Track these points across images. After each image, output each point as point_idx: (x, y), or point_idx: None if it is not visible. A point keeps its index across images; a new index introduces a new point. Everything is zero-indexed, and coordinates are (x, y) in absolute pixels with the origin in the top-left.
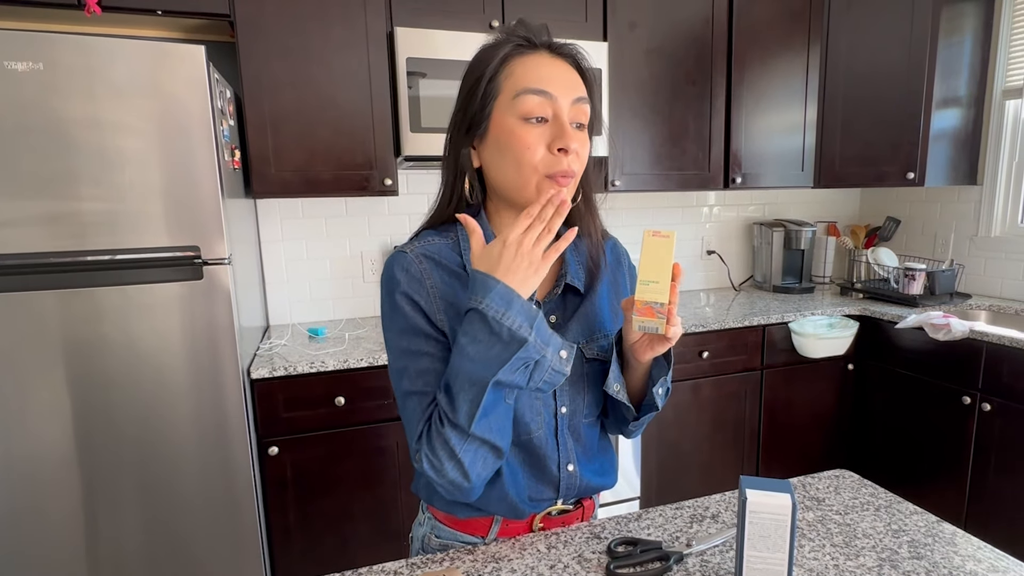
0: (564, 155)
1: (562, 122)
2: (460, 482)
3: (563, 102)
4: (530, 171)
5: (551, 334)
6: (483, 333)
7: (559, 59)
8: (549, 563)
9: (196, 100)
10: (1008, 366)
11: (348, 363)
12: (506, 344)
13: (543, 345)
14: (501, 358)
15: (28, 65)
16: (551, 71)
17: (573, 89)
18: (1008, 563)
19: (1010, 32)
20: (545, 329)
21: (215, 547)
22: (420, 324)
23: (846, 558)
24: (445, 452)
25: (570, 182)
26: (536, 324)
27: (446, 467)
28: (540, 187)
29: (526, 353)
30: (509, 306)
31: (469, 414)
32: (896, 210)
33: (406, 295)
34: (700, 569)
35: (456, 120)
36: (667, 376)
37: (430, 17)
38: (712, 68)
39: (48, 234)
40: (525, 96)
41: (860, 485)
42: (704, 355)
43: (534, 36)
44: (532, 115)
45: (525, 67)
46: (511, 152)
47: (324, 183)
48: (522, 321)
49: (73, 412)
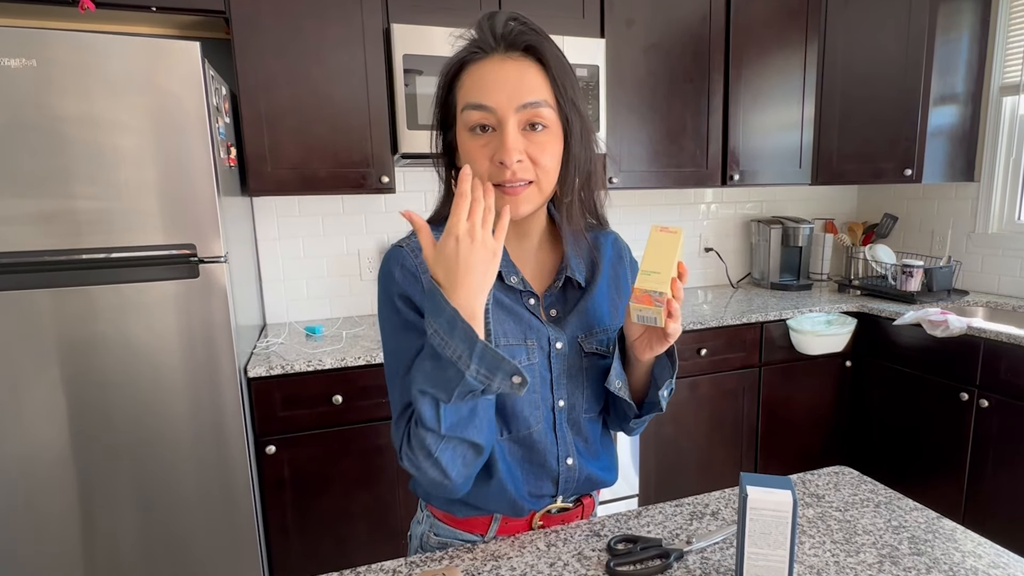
0: (503, 167)
1: (503, 133)
2: (441, 480)
3: (504, 111)
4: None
5: (500, 360)
6: (432, 357)
7: (513, 58)
8: (549, 561)
9: (191, 97)
10: (1005, 362)
11: (345, 361)
12: (453, 371)
13: (487, 374)
14: (448, 384)
15: (22, 62)
16: (494, 78)
17: (519, 94)
18: (1008, 559)
19: (1007, 28)
20: (490, 357)
21: (212, 546)
22: (413, 321)
23: (846, 555)
24: (423, 453)
25: (523, 190)
26: (476, 353)
27: (424, 466)
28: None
29: (465, 386)
30: (451, 333)
31: (434, 418)
32: (894, 207)
33: (402, 295)
34: (700, 566)
35: (434, 123)
36: (671, 380)
37: (427, 14)
38: (710, 65)
39: (43, 232)
40: (468, 111)
41: (860, 481)
42: (702, 352)
43: (483, 37)
44: (475, 125)
45: (472, 77)
46: (466, 162)
47: (321, 181)
48: (462, 351)
49: (69, 411)
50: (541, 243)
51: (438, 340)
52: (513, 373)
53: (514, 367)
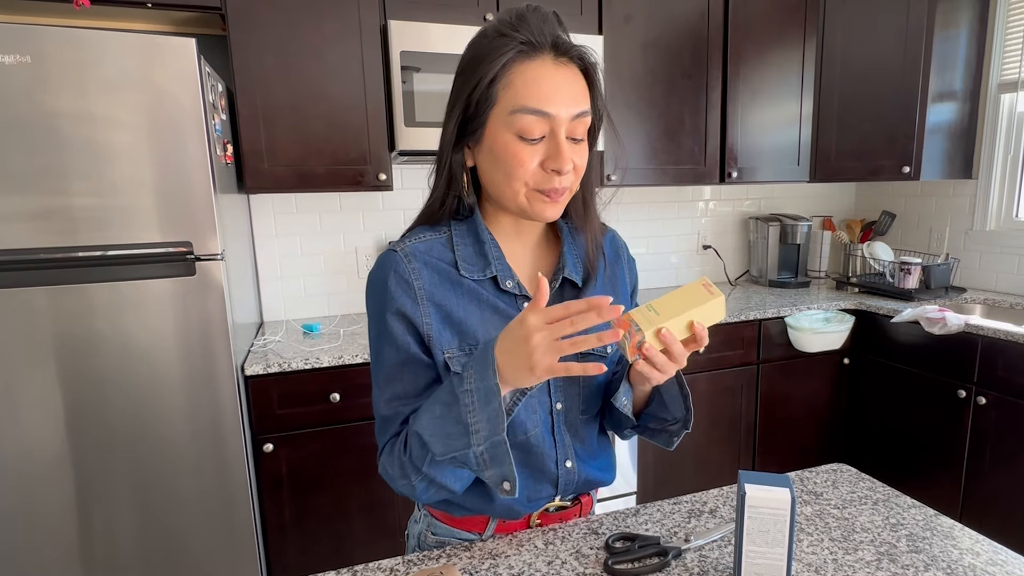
0: (556, 175)
1: (558, 141)
2: (409, 496)
3: (562, 119)
4: (520, 184)
5: (506, 462)
6: (453, 409)
7: (563, 63)
8: (547, 559)
9: (187, 94)
10: (1003, 360)
11: (343, 359)
12: (460, 437)
13: (487, 462)
14: (447, 443)
15: (15, 58)
16: (552, 85)
17: (574, 104)
18: (1006, 556)
19: (1006, 25)
20: (502, 453)
21: (210, 545)
22: (396, 333)
23: (845, 552)
24: (400, 473)
25: (563, 197)
26: (493, 441)
27: (398, 484)
28: (529, 198)
29: (462, 456)
30: (483, 407)
31: (420, 458)
32: (892, 204)
33: (392, 301)
34: (699, 564)
35: (450, 116)
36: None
37: (424, 10)
38: (708, 62)
39: (38, 230)
40: (521, 115)
41: (858, 479)
42: (700, 350)
43: (536, 37)
44: (528, 135)
45: (525, 79)
46: (503, 164)
47: (318, 178)
48: (482, 428)
49: (65, 410)
50: (538, 243)
51: (468, 400)
52: (506, 479)
53: (512, 475)
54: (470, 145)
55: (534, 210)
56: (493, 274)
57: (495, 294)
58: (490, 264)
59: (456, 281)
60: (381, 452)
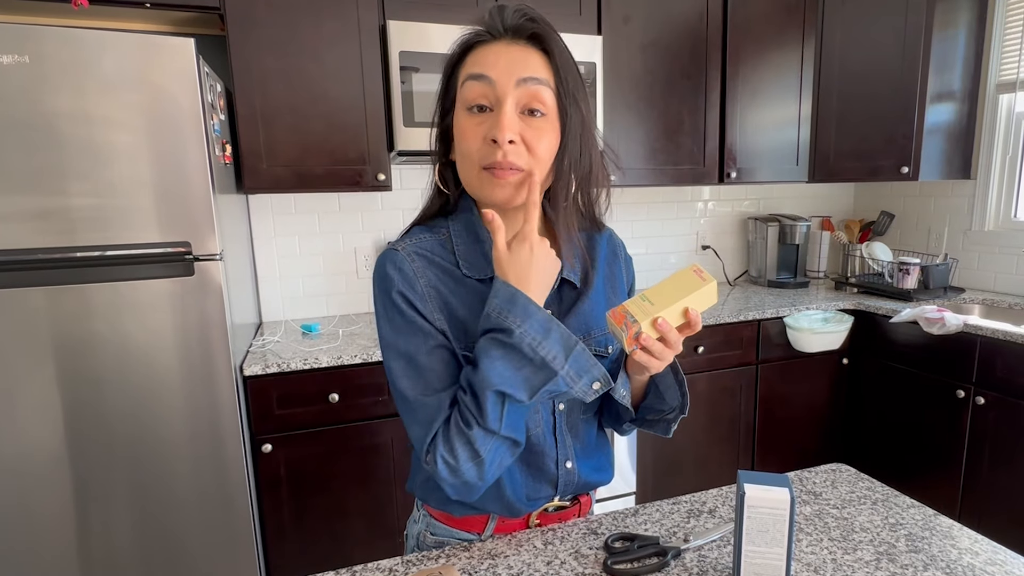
0: (495, 146)
1: (501, 109)
2: (474, 482)
3: (504, 85)
4: (470, 164)
5: (591, 364)
6: (515, 353)
7: (518, 44)
8: (546, 559)
9: (186, 94)
10: (1002, 360)
11: (342, 359)
12: (537, 369)
13: (575, 377)
14: (530, 383)
15: (13, 58)
16: (498, 54)
17: (518, 69)
18: (1005, 556)
19: (1004, 26)
20: (583, 359)
21: (209, 546)
22: (418, 322)
23: (844, 552)
24: (467, 452)
25: (512, 176)
26: (573, 355)
27: (463, 467)
28: (480, 179)
29: (555, 385)
30: (547, 335)
31: (498, 418)
32: (890, 204)
33: (402, 293)
34: (698, 564)
35: (434, 116)
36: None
37: (423, 10)
38: (707, 62)
39: (36, 230)
40: (467, 84)
41: (857, 479)
42: (699, 350)
43: (493, 26)
44: (473, 103)
45: (475, 57)
46: (460, 145)
47: (317, 178)
48: (557, 351)
49: (63, 410)
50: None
51: (530, 340)
52: (597, 379)
53: (603, 371)
54: (453, 141)
55: (484, 191)
56: (492, 273)
57: None
58: (490, 263)
59: (459, 279)
60: (432, 446)
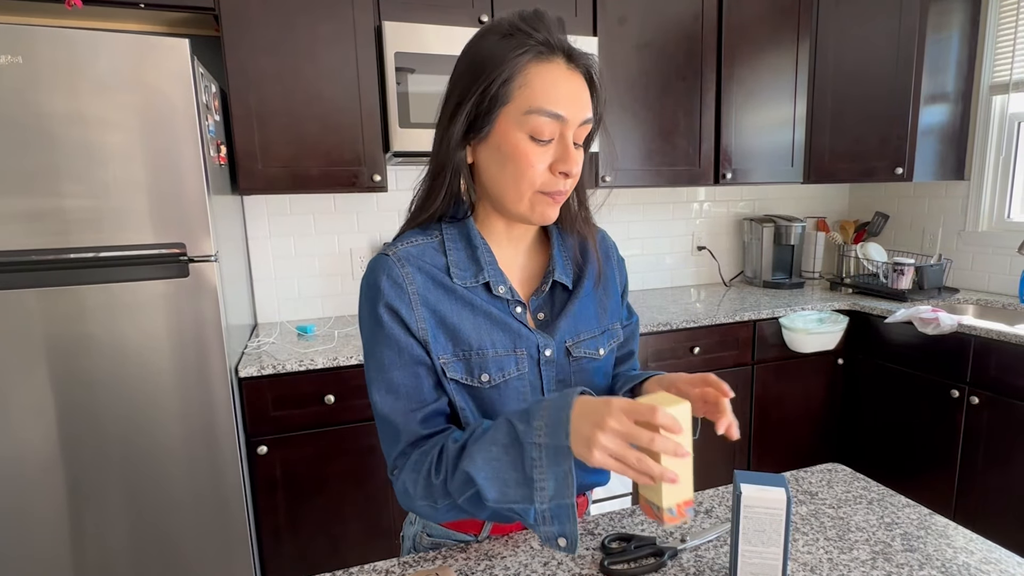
0: (564, 178)
1: (568, 145)
2: (425, 515)
3: (572, 124)
4: (527, 185)
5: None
6: (513, 452)
7: (575, 71)
8: (543, 560)
9: (181, 94)
10: (996, 359)
11: (337, 361)
12: (518, 484)
13: (549, 519)
14: (505, 492)
15: (7, 59)
16: (568, 90)
17: (584, 110)
18: (1000, 555)
19: (997, 28)
20: (566, 512)
21: (204, 548)
22: (397, 336)
23: (840, 551)
24: (425, 494)
25: (564, 199)
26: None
27: (418, 503)
28: (532, 200)
29: (524, 509)
30: (552, 465)
31: (460, 492)
32: (885, 205)
33: (388, 307)
34: (695, 564)
35: (452, 112)
36: None
37: (418, 11)
38: (702, 64)
39: (30, 231)
40: (538, 116)
41: (852, 479)
42: (695, 350)
43: (554, 40)
44: (541, 136)
45: (543, 81)
46: (512, 165)
47: (312, 179)
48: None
49: (57, 412)
50: (529, 247)
51: (536, 455)
52: (564, 536)
53: (573, 533)
54: (472, 143)
55: (536, 212)
56: (485, 280)
57: (488, 300)
58: (483, 270)
59: (449, 287)
60: (396, 466)
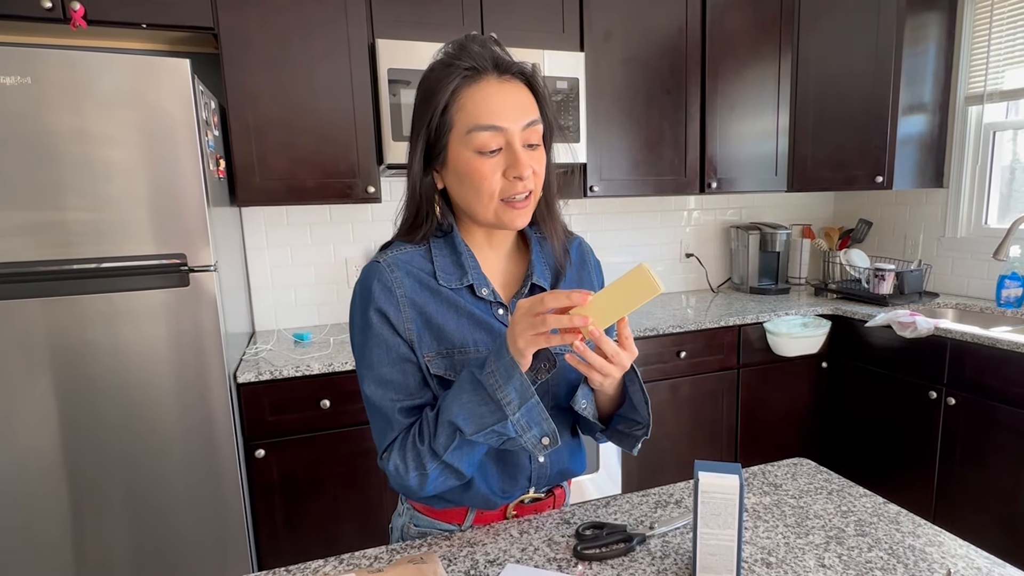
0: (519, 181)
1: (515, 151)
2: (416, 490)
3: (514, 130)
4: (488, 198)
5: (543, 419)
6: (479, 392)
7: (507, 80)
8: (521, 546)
9: (181, 112)
10: (971, 361)
11: (333, 367)
12: (495, 412)
13: (525, 427)
14: (482, 421)
15: (16, 79)
16: (500, 101)
17: (523, 114)
18: (944, 538)
19: (972, 41)
20: (536, 412)
21: (203, 550)
22: (386, 336)
23: (796, 536)
24: (415, 464)
25: (528, 203)
26: (527, 405)
27: (409, 476)
28: (498, 211)
29: (504, 428)
30: (507, 380)
31: (445, 445)
32: (868, 212)
33: (379, 310)
34: (661, 549)
35: (413, 145)
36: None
37: (410, 29)
38: (687, 76)
39: (34, 243)
40: (476, 133)
41: (816, 472)
42: (682, 355)
43: (478, 61)
44: (485, 149)
45: (474, 100)
46: (469, 181)
47: (308, 191)
48: (512, 398)
49: (60, 419)
50: (510, 252)
51: (491, 381)
52: (545, 435)
53: (551, 429)
54: (437, 169)
55: (504, 220)
56: (469, 283)
57: (471, 301)
58: (466, 273)
59: (435, 290)
60: (387, 450)
